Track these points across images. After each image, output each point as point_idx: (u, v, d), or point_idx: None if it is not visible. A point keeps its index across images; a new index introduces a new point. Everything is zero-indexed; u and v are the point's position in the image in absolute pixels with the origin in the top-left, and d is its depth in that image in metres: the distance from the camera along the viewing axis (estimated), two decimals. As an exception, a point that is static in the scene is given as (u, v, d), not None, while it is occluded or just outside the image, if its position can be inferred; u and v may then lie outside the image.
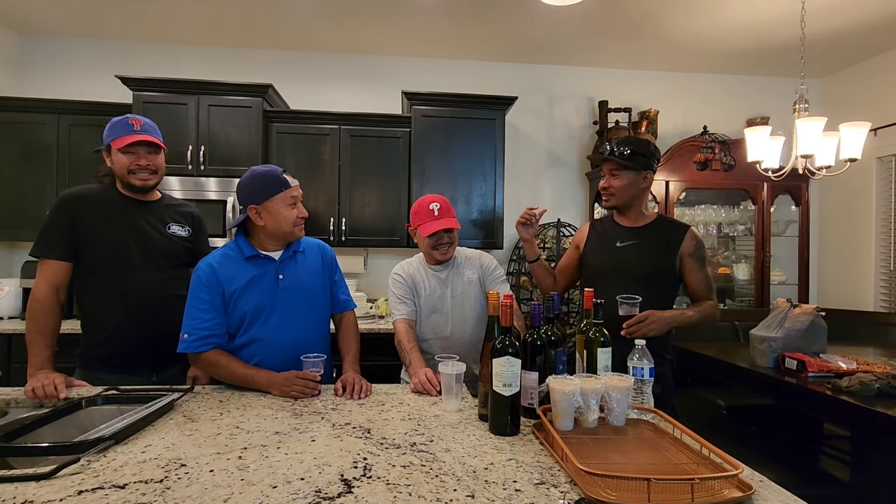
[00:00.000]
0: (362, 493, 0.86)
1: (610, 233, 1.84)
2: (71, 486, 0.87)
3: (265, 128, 3.05)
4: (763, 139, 2.51)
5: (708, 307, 1.70)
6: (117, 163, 1.60)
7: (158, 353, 1.61)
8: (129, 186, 1.63)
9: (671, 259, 1.72)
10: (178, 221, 1.73)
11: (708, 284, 1.73)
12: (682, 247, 1.72)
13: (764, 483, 0.93)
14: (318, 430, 1.17)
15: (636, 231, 1.79)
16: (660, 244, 1.74)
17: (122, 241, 1.60)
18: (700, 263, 1.72)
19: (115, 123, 1.61)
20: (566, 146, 3.73)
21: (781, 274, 3.56)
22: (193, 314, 1.48)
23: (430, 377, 1.51)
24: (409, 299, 1.84)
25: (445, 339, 1.84)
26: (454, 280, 1.88)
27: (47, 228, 1.55)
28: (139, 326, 1.59)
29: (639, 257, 1.73)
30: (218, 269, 1.51)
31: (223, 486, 0.88)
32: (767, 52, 3.41)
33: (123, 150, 1.58)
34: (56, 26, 3.23)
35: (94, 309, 1.61)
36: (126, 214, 1.63)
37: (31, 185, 2.97)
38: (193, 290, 1.50)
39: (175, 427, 1.18)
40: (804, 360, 1.97)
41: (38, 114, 2.98)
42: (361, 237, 3.19)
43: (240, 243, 1.56)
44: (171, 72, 3.26)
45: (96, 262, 1.58)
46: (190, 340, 1.47)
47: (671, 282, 1.75)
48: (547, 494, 0.87)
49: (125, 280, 1.59)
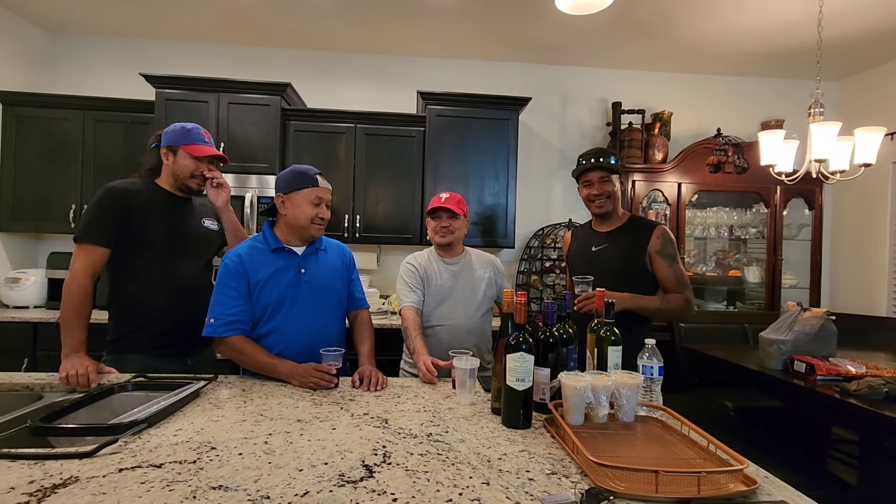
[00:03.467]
0: (383, 478, 0.91)
1: (587, 238, 1.94)
2: (111, 464, 0.93)
3: (283, 126, 3.11)
4: (776, 143, 2.52)
5: (673, 299, 1.75)
6: (183, 165, 1.71)
7: (195, 337, 1.67)
8: (185, 188, 1.74)
9: (641, 258, 1.79)
10: (208, 216, 1.85)
11: (678, 280, 1.77)
12: (650, 245, 1.78)
13: (769, 479, 0.96)
14: (338, 419, 1.22)
15: (609, 234, 1.87)
16: (630, 245, 1.82)
17: (168, 233, 1.69)
18: (669, 260, 1.77)
19: (188, 130, 1.72)
20: (579, 147, 3.75)
21: (793, 277, 3.55)
22: (220, 300, 1.56)
23: (430, 366, 1.58)
24: (418, 288, 1.94)
25: (451, 328, 1.92)
26: (465, 274, 1.99)
27: (95, 216, 1.60)
28: (179, 312, 1.68)
29: (612, 259, 1.82)
30: (245, 259, 1.59)
31: (252, 467, 0.93)
32: (783, 54, 3.40)
33: (196, 158, 1.71)
34: (82, 24, 3.32)
35: (138, 295, 1.66)
36: (171, 210, 1.73)
37: (57, 180, 3.07)
38: (221, 277, 1.58)
39: (202, 413, 1.24)
40: (813, 364, 1.99)
41: (64, 109, 3.07)
42: (375, 234, 3.24)
43: (266, 235, 1.64)
44: (192, 70, 3.34)
45: (144, 252, 1.66)
46: (216, 325, 1.54)
47: (645, 279, 1.81)
48: (559, 483, 0.91)
49: (169, 269, 1.68)
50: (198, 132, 1.74)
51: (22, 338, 2.74)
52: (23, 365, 2.69)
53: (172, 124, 1.75)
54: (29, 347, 2.74)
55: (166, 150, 1.72)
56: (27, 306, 3.00)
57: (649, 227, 1.82)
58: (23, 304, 2.99)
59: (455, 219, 1.96)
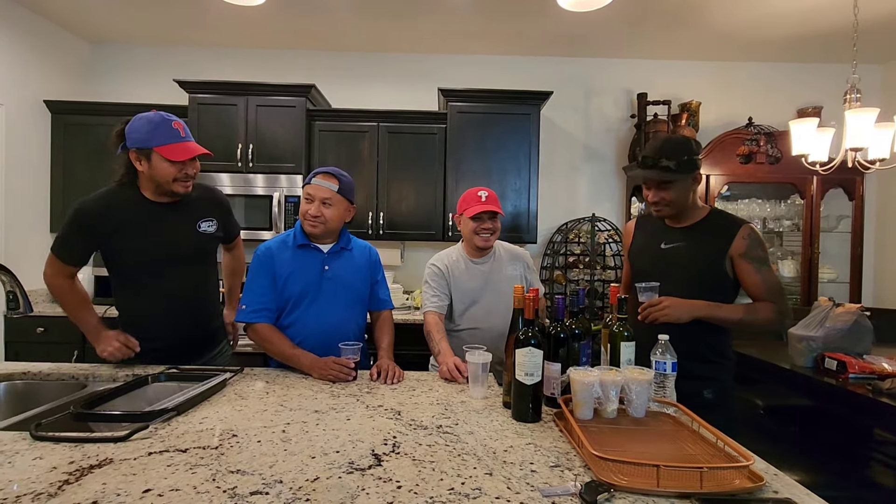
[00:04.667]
0: (390, 466, 0.95)
1: (656, 233, 1.72)
2: (142, 448, 1.00)
3: (308, 126, 3.20)
4: (809, 131, 2.42)
5: (762, 309, 1.53)
6: (161, 170, 1.49)
7: (195, 349, 1.70)
8: (170, 193, 1.56)
9: (720, 262, 1.57)
10: (205, 217, 1.68)
11: (768, 286, 1.54)
12: (733, 248, 1.56)
13: (778, 477, 0.95)
14: (353, 411, 1.27)
15: (684, 231, 1.65)
16: (708, 245, 1.60)
17: (154, 247, 1.56)
18: (757, 264, 1.55)
19: (155, 125, 1.46)
20: (603, 140, 3.70)
21: (832, 271, 3.40)
22: (252, 288, 1.67)
23: (458, 365, 1.59)
24: (442, 293, 1.90)
25: (481, 331, 1.88)
26: (495, 274, 1.93)
27: (64, 236, 1.52)
28: (176, 328, 1.64)
29: (685, 260, 1.61)
30: (275, 253, 1.69)
31: (269, 454, 0.99)
32: (819, 38, 3.24)
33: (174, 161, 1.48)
34: (120, 34, 3.49)
35: (132, 312, 1.63)
36: (155, 219, 1.57)
37: (101, 183, 3.20)
38: (253, 267, 1.69)
39: (227, 403, 1.31)
40: (845, 361, 1.92)
41: (105, 116, 3.24)
42: (399, 231, 3.30)
43: (296, 232, 1.73)
44: (222, 74, 3.47)
45: (131, 269, 1.58)
46: (247, 311, 1.64)
47: (724, 285, 1.59)
48: (561, 476, 0.93)
49: (160, 285, 1.59)
50: (167, 126, 1.47)
51: (71, 332, 2.89)
52: (73, 357, 2.89)
53: (134, 118, 1.49)
54: (78, 341, 2.93)
55: (136, 153, 1.48)
56: (76, 302, 3.20)
57: (734, 226, 1.58)
58: (72, 300, 3.19)
59: (495, 219, 1.87)
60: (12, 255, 2.98)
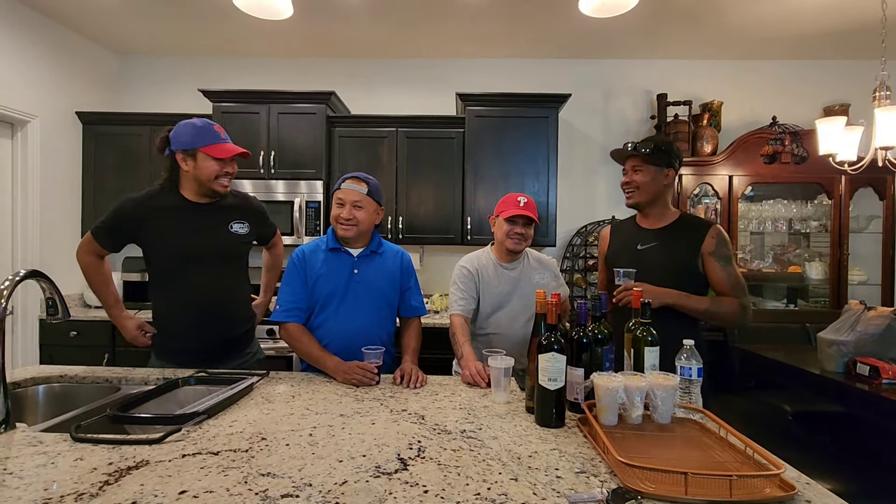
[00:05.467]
0: (416, 471, 0.96)
1: (631, 235, 1.83)
2: (176, 450, 1.03)
3: (328, 132, 3.25)
4: (836, 130, 2.36)
5: (726, 302, 1.66)
6: (205, 168, 1.62)
7: (223, 349, 1.75)
8: (210, 193, 1.68)
9: (692, 259, 1.70)
10: (238, 219, 1.77)
11: (733, 283, 1.67)
12: (703, 246, 1.69)
13: (811, 486, 0.94)
14: (378, 415, 1.29)
15: (657, 232, 1.77)
16: (681, 245, 1.72)
17: (189, 245, 1.66)
18: (723, 262, 1.68)
19: (199, 128, 1.61)
20: (622, 141, 3.65)
21: (861, 273, 3.31)
22: (286, 289, 1.72)
23: (481, 370, 1.59)
24: (471, 296, 1.90)
25: (504, 336, 1.89)
26: (524, 280, 1.94)
27: (104, 222, 1.66)
28: (205, 326, 1.70)
29: (660, 259, 1.72)
30: (307, 256, 1.75)
31: (297, 457, 1.01)
32: (845, 34, 3.17)
33: (217, 159, 1.62)
34: (146, 46, 3.60)
35: (165, 309, 1.72)
36: (191, 219, 1.67)
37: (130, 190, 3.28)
38: (288, 269, 1.76)
39: (255, 406, 1.34)
40: (878, 366, 1.87)
41: (133, 126, 3.35)
42: (418, 235, 3.32)
43: (328, 235, 1.78)
44: (244, 83, 3.55)
45: (165, 266, 1.68)
46: (281, 310, 1.70)
47: (696, 282, 1.71)
48: (586, 482, 0.93)
49: (192, 283, 1.67)
50: (210, 128, 1.62)
51: (103, 335, 3.03)
52: (104, 360, 2.98)
53: (178, 125, 1.64)
54: (109, 343, 3.02)
55: (183, 154, 1.62)
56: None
57: (703, 227, 1.72)
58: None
59: (530, 226, 1.89)
60: (47, 262, 3.09)
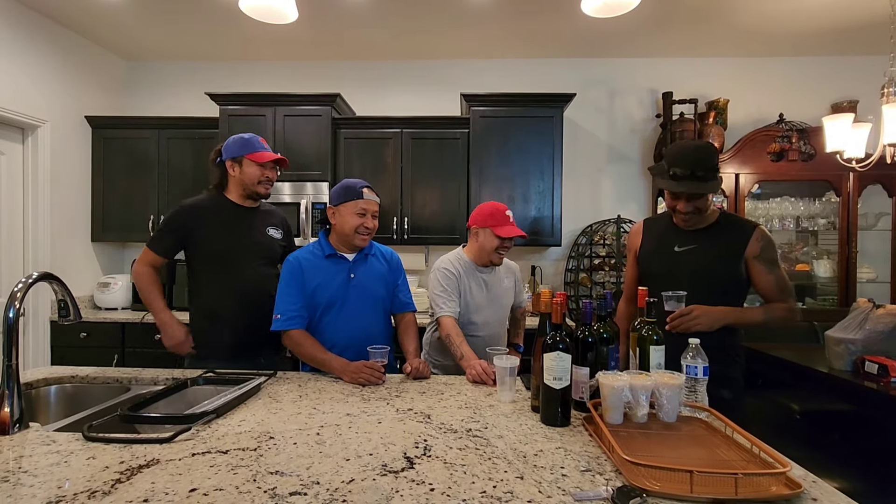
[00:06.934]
0: (423, 469, 0.97)
1: (667, 235, 1.73)
2: (186, 449, 1.05)
3: (334, 134, 3.27)
4: (843, 127, 2.35)
5: (778, 309, 1.59)
6: (249, 173, 1.85)
7: (265, 338, 1.83)
8: (254, 195, 1.89)
9: (735, 263, 1.61)
10: (273, 225, 1.97)
11: (780, 286, 1.60)
12: (749, 249, 1.60)
13: (817, 484, 0.93)
14: (384, 414, 1.30)
15: (696, 234, 1.67)
16: (722, 247, 1.63)
17: (236, 244, 1.85)
18: (769, 265, 1.60)
19: (246, 140, 1.86)
20: (628, 140, 3.66)
21: (871, 271, 3.28)
22: (284, 298, 1.72)
23: (486, 367, 1.60)
24: (456, 298, 1.91)
25: (484, 339, 1.94)
26: (495, 284, 2.01)
27: (163, 228, 1.85)
28: (248, 318, 1.83)
29: (699, 263, 1.63)
30: (304, 263, 1.75)
31: (305, 456, 1.02)
32: (852, 30, 3.14)
33: (261, 164, 1.84)
34: (154, 51, 3.63)
35: (210, 303, 1.85)
36: (238, 221, 1.88)
37: (138, 193, 3.39)
38: (284, 277, 1.75)
39: (263, 406, 1.36)
40: (887, 365, 1.85)
41: (141, 129, 3.39)
42: (422, 235, 3.33)
43: (322, 242, 1.79)
44: (250, 86, 3.58)
45: (213, 263, 1.84)
46: (282, 320, 1.70)
47: (738, 286, 1.63)
48: (592, 480, 0.93)
49: (237, 278, 1.84)
50: (256, 140, 1.88)
51: (112, 336, 3.07)
52: (113, 360, 3.01)
53: (230, 137, 1.89)
54: (118, 344, 3.06)
55: (231, 162, 1.86)
56: (116, 308, 3.35)
57: (747, 229, 1.63)
58: (112, 306, 3.34)
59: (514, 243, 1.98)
60: (58, 264, 3.13)
